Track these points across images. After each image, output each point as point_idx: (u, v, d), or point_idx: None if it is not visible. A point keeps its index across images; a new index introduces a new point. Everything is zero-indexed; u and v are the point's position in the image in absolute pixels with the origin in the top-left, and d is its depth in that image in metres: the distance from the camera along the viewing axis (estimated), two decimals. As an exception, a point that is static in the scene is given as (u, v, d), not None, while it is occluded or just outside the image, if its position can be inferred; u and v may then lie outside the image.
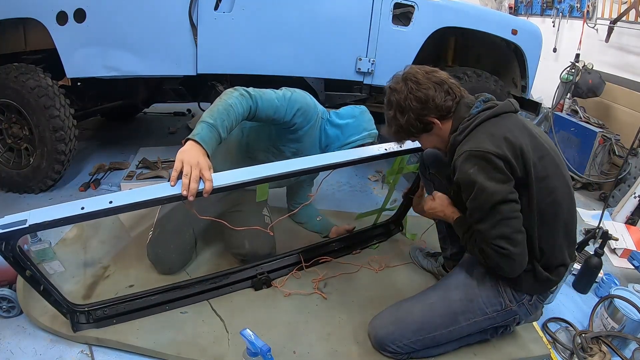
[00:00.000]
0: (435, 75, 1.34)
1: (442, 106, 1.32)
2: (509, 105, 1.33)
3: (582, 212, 2.90)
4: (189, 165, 1.23)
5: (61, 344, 1.45)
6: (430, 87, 1.31)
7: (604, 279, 1.99)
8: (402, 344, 1.39)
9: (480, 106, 1.33)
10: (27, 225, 1.13)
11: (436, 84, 1.32)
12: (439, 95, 1.31)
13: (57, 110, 2.32)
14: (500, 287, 1.37)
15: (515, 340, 1.60)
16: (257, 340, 1.23)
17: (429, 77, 1.33)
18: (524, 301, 1.37)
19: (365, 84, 2.59)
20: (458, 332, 1.40)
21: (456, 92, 1.35)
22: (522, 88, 2.94)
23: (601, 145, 3.07)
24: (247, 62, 2.38)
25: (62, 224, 1.19)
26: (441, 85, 1.33)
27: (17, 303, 1.53)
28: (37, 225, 1.14)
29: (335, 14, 2.41)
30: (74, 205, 1.18)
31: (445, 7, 2.54)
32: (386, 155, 1.64)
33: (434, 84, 1.32)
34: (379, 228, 2.22)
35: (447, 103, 1.33)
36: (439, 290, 1.47)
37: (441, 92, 1.32)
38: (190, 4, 2.18)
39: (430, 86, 1.31)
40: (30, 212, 1.16)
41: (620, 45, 3.42)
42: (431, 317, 1.39)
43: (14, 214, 1.15)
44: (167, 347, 1.44)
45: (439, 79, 1.34)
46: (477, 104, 1.34)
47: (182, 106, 4.18)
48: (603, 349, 1.56)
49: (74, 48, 2.19)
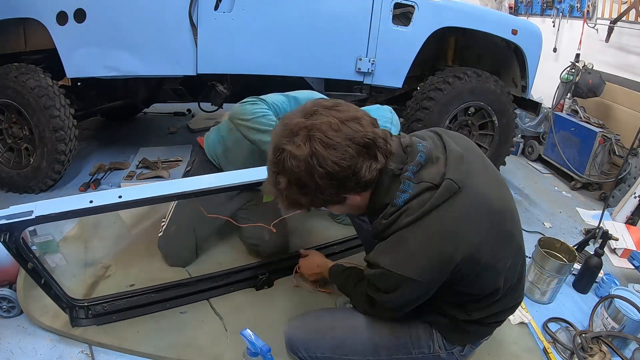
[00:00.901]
0: (353, 127, 0.90)
1: (366, 181, 0.94)
2: (451, 187, 0.95)
3: (582, 212, 2.90)
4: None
5: (61, 344, 1.45)
6: (349, 153, 0.89)
7: (604, 279, 1.98)
8: (315, 355, 1.28)
9: (409, 189, 0.96)
10: (33, 216, 1.11)
11: (358, 147, 0.90)
12: (361, 166, 0.91)
13: (57, 110, 2.32)
14: (433, 330, 1.24)
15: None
16: (257, 340, 1.22)
17: (346, 131, 0.89)
18: (454, 351, 1.26)
19: (365, 84, 2.59)
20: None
21: (383, 150, 0.95)
22: (522, 88, 2.94)
23: (601, 145, 3.07)
24: (247, 62, 2.38)
25: (69, 217, 1.17)
26: (366, 147, 0.91)
27: (17, 303, 1.52)
28: (44, 217, 1.12)
29: (335, 13, 2.41)
30: (82, 199, 1.17)
31: (445, 7, 2.54)
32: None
33: (355, 147, 0.89)
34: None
35: (372, 174, 0.94)
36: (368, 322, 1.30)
37: (365, 159, 0.92)
38: (190, 4, 2.18)
39: (349, 152, 0.89)
40: (37, 203, 1.15)
41: (620, 45, 3.41)
42: (352, 341, 1.26)
43: (20, 204, 1.14)
44: (167, 350, 1.44)
45: (362, 135, 0.90)
46: (405, 185, 0.96)
47: (182, 106, 4.17)
48: (603, 349, 1.56)
49: (74, 48, 2.18)
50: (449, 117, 2.64)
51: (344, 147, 0.88)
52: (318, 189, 0.92)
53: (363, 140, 0.90)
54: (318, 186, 0.91)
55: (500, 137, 2.84)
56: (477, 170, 1.04)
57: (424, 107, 2.58)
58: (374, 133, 0.92)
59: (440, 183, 0.95)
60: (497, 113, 2.75)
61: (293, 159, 0.89)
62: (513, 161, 3.65)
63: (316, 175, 0.89)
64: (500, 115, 2.77)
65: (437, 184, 0.95)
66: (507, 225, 1.08)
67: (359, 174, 0.92)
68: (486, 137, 2.87)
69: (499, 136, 2.84)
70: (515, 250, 1.14)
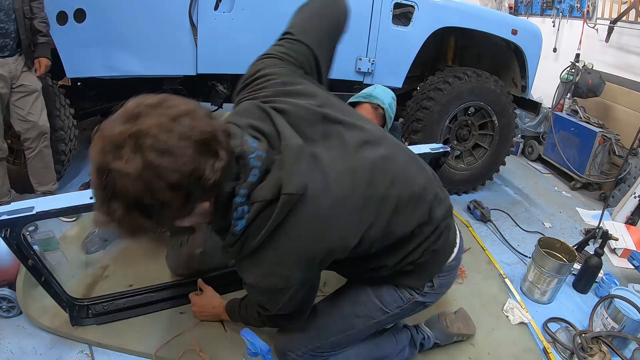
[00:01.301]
0: (187, 123, 0.75)
1: (212, 183, 0.77)
2: (289, 200, 0.86)
3: (582, 212, 2.90)
4: None
5: (61, 344, 1.45)
6: (188, 154, 0.73)
7: (604, 279, 1.99)
8: (301, 352, 1.27)
9: (245, 214, 0.87)
10: (34, 212, 1.12)
11: (197, 144, 0.75)
12: (204, 167, 0.76)
13: (57, 110, 2.32)
14: (391, 285, 1.25)
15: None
16: (257, 341, 1.22)
17: (179, 130, 0.73)
18: (425, 289, 1.25)
19: (365, 84, 2.59)
20: (358, 334, 1.30)
21: (224, 146, 0.80)
22: (522, 88, 2.94)
23: (601, 145, 3.07)
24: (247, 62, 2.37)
25: (70, 213, 1.19)
26: (206, 143, 0.76)
27: (17, 303, 1.52)
28: (45, 213, 1.13)
29: (335, 14, 2.41)
30: (82, 195, 1.18)
31: (445, 7, 2.54)
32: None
33: (194, 146, 0.74)
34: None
35: (217, 174, 0.77)
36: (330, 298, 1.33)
37: (207, 157, 0.76)
38: (190, 4, 2.18)
39: (188, 153, 0.73)
40: (38, 199, 1.16)
41: (620, 45, 3.41)
42: (325, 323, 1.27)
43: (21, 201, 1.15)
44: (167, 351, 1.44)
45: (199, 130, 0.75)
46: (238, 213, 0.87)
47: (182, 106, 4.17)
48: (603, 349, 1.56)
49: (74, 48, 2.18)
50: (449, 117, 2.64)
51: (181, 149, 0.72)
52: (163, 206, 0.75)
53: (201, 137, 0.75)
54: (162, 203, 0.74)
55: (500, 137, 2.84)
56: (327, 154, 0.96)
57: (424, 107, 2.58)
58: (212, 126, 0.78)
59: (277, 197, 0.86)
60: (497, 113, 2.75)
61: (125, 178, 0.70)
62: (513, 161, 3.65)
63: (157, 191, 0.72)
64: (500, 115, 2.77)
65: (274, 199, 0.86)
66: (380, 189, 1.01)
67: (203, 177, 0.76)
68: (486, 137, 2.87)
69: (499, 136, 2.84)
70: (409, 200, 1.07)
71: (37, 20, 1.99)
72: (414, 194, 1.08)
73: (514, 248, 2.34)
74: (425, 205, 1.12)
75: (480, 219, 2.59)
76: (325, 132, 1.00)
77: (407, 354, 1.49)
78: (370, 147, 1.04)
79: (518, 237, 2.48)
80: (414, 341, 1.51)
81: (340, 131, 1.02)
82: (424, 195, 1.11)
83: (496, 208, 2.76)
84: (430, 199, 1.12)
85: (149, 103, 0.76)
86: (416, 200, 1.09)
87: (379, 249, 1.08)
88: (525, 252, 2.27)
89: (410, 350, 1.49)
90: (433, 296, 1.28)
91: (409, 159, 1.14)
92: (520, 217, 2.71)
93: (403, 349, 1.47)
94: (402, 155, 1.12)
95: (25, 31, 1.96)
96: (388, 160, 1.06)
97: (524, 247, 2.35)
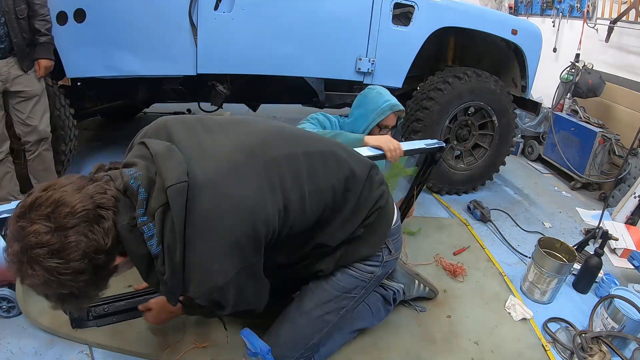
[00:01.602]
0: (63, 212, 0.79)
1: (110, 247, 0.84)
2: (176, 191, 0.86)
3: (582, 212, 2.90)
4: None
5: (61, 344, 1.45)
6: (76, 239, 0.79)
7: (604, 279, 1.98)
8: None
9: (152, 231, 0.88)
10: None
11: (81, 225, 0.80)
12: (98, 239, 0.81)
13: (57, 110, 2.32)
14: (345, 267, 1.26)
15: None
16: (257, 341, 1.22)
17: (59, 223, 0.78)
18: (382, 259, 1.28)
19: (365, 84, 2.59)
20: (337, 324, 1.33)
21: (105, 204, 0.84)
22: (522, 88, 2.94)
23: (601, 145, 3.07)
24: (247, 62, 2.38)
25: None
26: (87, 219, 0.81)
27: (17, 303, 1.52)
28: None
29: (335, 14, 2.41)
30: None
31: (445, 7, 2.54)
32: (376, 157, 1.63)
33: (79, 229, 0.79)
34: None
35: (110, 234, 0.84)
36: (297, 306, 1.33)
37: (95, 228, 0.81)
38: (190, 4, 2.18)
39: (76, 239, 0.79)
40: None
41: (620, 45, 3.41)
42: (298, 328, 1.30)
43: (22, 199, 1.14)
44: (166, 351, 1.44)
45: (77, 211, 0.80)
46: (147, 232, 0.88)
47: (182, 106, 4.17)
48: (603, 349, 1.56)
49: (74, 48, 2.18)
50: (448, 117, 2.64)
51: (67, 241, 0.78)
52: (81, 289, 0.83)
53: (79, 218, 0.80)
54: (79, 287, 0.82)
55: (500, 137, 2.84)
56: (211, 140, 0.99)
57: (424, 107, 2.58)
58: (85, 199, 0.82)
59: (167, 199, 0.87)
60: (497, 113, 2.76)
61: (39, 287, 0.81)
62: (513, 161, 3.65)
63: (69, 284, 0.80)
64: (500, 115, 2.77)
65: (166, 202, 0.87)
66: (282, 149, 1.04)
67: (100, 249, 0.82)
68: (486, 137, 2.87)
69: (499, 136, 2.84)
70: (320, 155, 1.10)
71: (37, 19, 1.91)
72: (323, 151, 1.12)
73: (514, 248, 2.34)
74: (342, 160, 1.14)
75: (480, 219, 2.59)
76: (205, 129, 1.03)
77: (384, 312, 1.59)
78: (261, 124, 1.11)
79: (518, 237, 2.48)
80: (386, 299, 1.59)
81: (222, 124, 1.07)
82: (335, 151, 1.15)
83: (496, 208, 2.76)
84: (344, 156, 1.16)
85: (22, 212, 0.80)
86: (329, 155, 1.12)
87: (319, 211, 1.07)
88: (525, 252, 2.27)
89: (385, 308, 1.60)
90: (392, 262, 1.34)
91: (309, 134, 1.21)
92: (520, 217, 2.71)
93: (378, 310, 1.56)
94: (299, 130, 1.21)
95: (21, 32, 1.86)
96: (283, 128, 1.13)
97: (524, 247, 2.35)
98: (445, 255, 2.14)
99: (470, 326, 1.70)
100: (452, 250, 2.21)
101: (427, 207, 2.73)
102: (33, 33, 1.93)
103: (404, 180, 2.29)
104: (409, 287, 1.69)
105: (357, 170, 1.16)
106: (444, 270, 2.03)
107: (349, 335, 1.49)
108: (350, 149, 1.27)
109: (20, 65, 1.94)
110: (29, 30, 1.91)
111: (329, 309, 1.29)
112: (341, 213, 1.14)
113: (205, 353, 1.44)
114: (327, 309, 1.29)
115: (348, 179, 1.13)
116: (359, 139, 1.70)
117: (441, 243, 2.28)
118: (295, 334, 1.31)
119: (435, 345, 1.59)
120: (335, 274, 1.27)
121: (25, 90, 1.99)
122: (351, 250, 1.23)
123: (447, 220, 2.56)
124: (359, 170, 1.17)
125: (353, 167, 1.16)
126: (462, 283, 1.96)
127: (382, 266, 1.29)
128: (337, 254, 1.22)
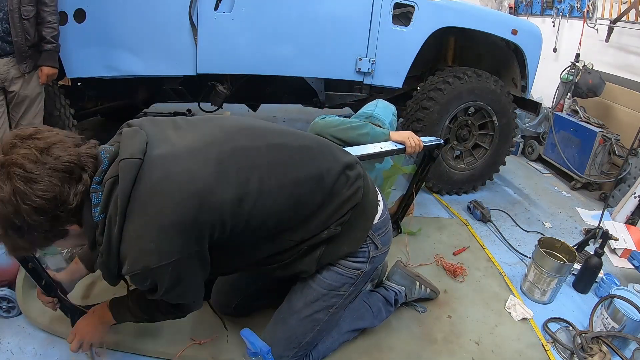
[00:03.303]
0: (54, 154, 0.87)
1: (75, 208, 0.89)
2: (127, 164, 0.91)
3: (582, 212, 2.90)
4: None
5: (61, 344, 1.45)
6: (52, 183, 0.85)
7: (604, 279, 1.99)
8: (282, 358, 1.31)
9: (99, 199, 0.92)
10: None
11: (61, 174, 0.86)
12: (68, 194, 0.88)
13: (57, 110, 2.31)
14: (329, 266, 1.25)
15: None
16: (257, 341, 1.22)
17: (46, 161, 0.85)
18: (368, 255, 1.27)
19: (365, 84, 2.59)
20: (329, 323, 1.33)
21: (90, 169, 0.93)
22: (522, 88, 2.94)
23: (601, 145, 3.07)
24: (247, 62, 2.38)
25: None
26: (70, 172, 0.88)
27: (17, 303, 1.52)
28: None
29: (335, 14, 2.41)
30: None
31: (445, 7, 2.54)
32: (374, 155, 1.63)
33: (58, 175, 0.86)
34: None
35: (79, 199, 0.90)
36: (287, 305, 1.33)
37: (71, 184, 0.88)
38: (190, 4, 2.18)
39: (52, 182, 0.85)
40: None
41: (620, 45, 3.41)
42: (292, 333, 1.30)
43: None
44: (167, 350, 1.44)
45: (64, 160, 0.87)
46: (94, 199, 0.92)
47: (182, 106, 4.17)
48: (603, 349, 1.56)
49: (74, 48, 2.18)
50: (449, 117, 2.64)
51: (45, 178, 0.84)
52: (32, 227, 0.86)
53: (64, 166, 0.87)
54: (31, 225, 0.86)
55: (500, 137, 2.84)
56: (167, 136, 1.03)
57: (424, 107, 2.58)
58: (77, 155, 0.90)
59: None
60: (497, 113, 2.76)
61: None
62: (513, 161, 3.65)
63: (24, 214, 0.84)
64: (500, 115, 2.77)
65: (117, 174, 0.91)
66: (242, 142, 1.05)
67: (66, 203, 0.87)
68: (486, 137, 2.87)
69: (499, 136, 2.84)
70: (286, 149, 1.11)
71: (45, 26, 1.89)
72: (293, 146, 1.12)
73: (514, 248, 2.34)
74: (314, 156, 1.15)
75: (480, 219, 2.59)
76: (175, 126, 1.08)
77: (385, 313, 1.58)
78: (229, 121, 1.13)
79: (518, 237, 2.48)
80: (387, 300, 1.59)
81: (196, 122, 1.10)
82: (310, 146, 1.15)
83: (496, 208, 2.76)
84: (318, 153, 1.16)
85: (23, 135, 0.88)
86: (299, 149, 1.13)
87: (282, 206, 1.06)
88: (525, 252, 2.28)
89: (387, 309, 1.60)
90: (380, 257, 1.32)
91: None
92: (520, 217, 2.71)
93: (379, 311, 1.56)
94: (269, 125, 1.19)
95: (23, 32, 1.84)
96: (256, 123, 1.15)
97: (524, 247, 2.35)
98: (445, 255, 2.14)
99: (470, 326, 1.70)
100: (452, 250, 2.21)
101: (427, 207, 2.73)
102: (39, 39, 1.91)
103: (403, 179, 2.30)
104: (411, 289, 1.69)
105: (330, 167, 1.16)
106: (444, 270, 2.03)
107: (349, 335, 1.49)
108: (335, 146, 1.27)
109: (18, 66, 1.91)
110: (34, 34, 1.88)
111: (318, 308, 1.29)
112: (308, 208, 1.13)
113: (205, 352, 1.44)
114: (316, 308, 1.29)
115: (317, 175, 1.12)
116: (385, 133, 1.76)
117: (441, 243, 2.28)
118: (287, 334, 1.31)
119: (435, 346, 1.59)
120: (322, 272, 1.26)
121: (19, 92, 1.97)
122: (331, 248, 1.22)
123: (447, 220, 2.56)
124: (332, 166, 1.16)
125: (326, 163, 1.15)
126: (463, 283, 1.96)
127: (369, 262, 1.28)
128: (316, 253, 1.21)
